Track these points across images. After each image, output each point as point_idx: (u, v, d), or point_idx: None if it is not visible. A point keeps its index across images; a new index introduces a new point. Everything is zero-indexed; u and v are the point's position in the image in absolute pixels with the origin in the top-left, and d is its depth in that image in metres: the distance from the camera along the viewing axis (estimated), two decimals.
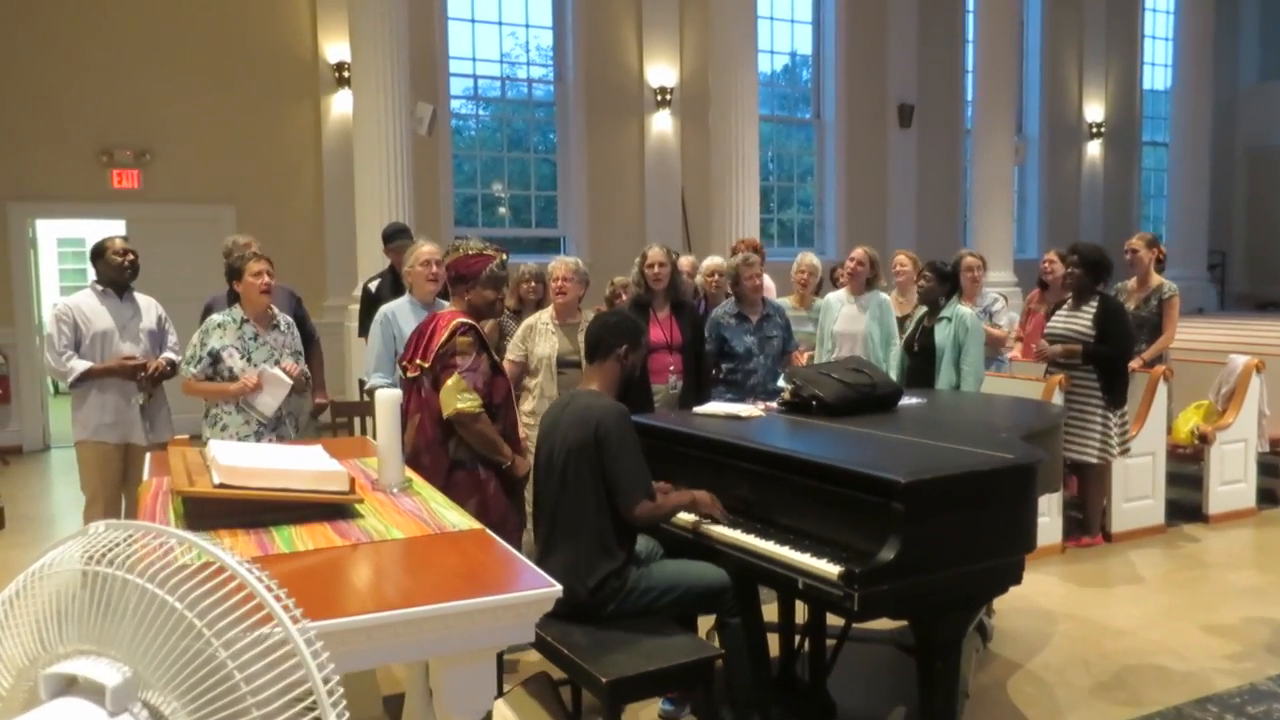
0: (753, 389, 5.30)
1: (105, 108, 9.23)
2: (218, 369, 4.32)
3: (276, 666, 1.05)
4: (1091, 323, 5.42)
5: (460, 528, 2.56)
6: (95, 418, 4.78)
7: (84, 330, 4.75)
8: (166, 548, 1.12)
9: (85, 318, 4.76)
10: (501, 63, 11.68)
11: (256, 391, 4.29)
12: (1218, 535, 6.04)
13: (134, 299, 4.95)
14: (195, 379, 4.33)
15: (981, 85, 11.83)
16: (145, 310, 4.97)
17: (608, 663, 2.82)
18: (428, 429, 3.60)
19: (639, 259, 5.12)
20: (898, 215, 13.45)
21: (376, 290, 5.58)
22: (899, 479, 2.72)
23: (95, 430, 4.79)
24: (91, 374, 4.72)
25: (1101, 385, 5.41)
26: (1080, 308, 5.53)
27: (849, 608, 2.71)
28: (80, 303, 4.82)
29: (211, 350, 4.31)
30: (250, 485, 2.54)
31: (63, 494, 7.68)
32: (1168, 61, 15.88)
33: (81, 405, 4.80)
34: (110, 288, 4.86)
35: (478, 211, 11.68)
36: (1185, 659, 4.16)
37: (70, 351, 4.72)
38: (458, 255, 3.73)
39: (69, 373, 4.70)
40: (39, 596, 1.06)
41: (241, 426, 4.35)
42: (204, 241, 9.44)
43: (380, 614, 1.92)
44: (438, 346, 3.58)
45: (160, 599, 1.01)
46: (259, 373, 4.33)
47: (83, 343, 4.75)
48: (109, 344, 4.79)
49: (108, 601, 1.03)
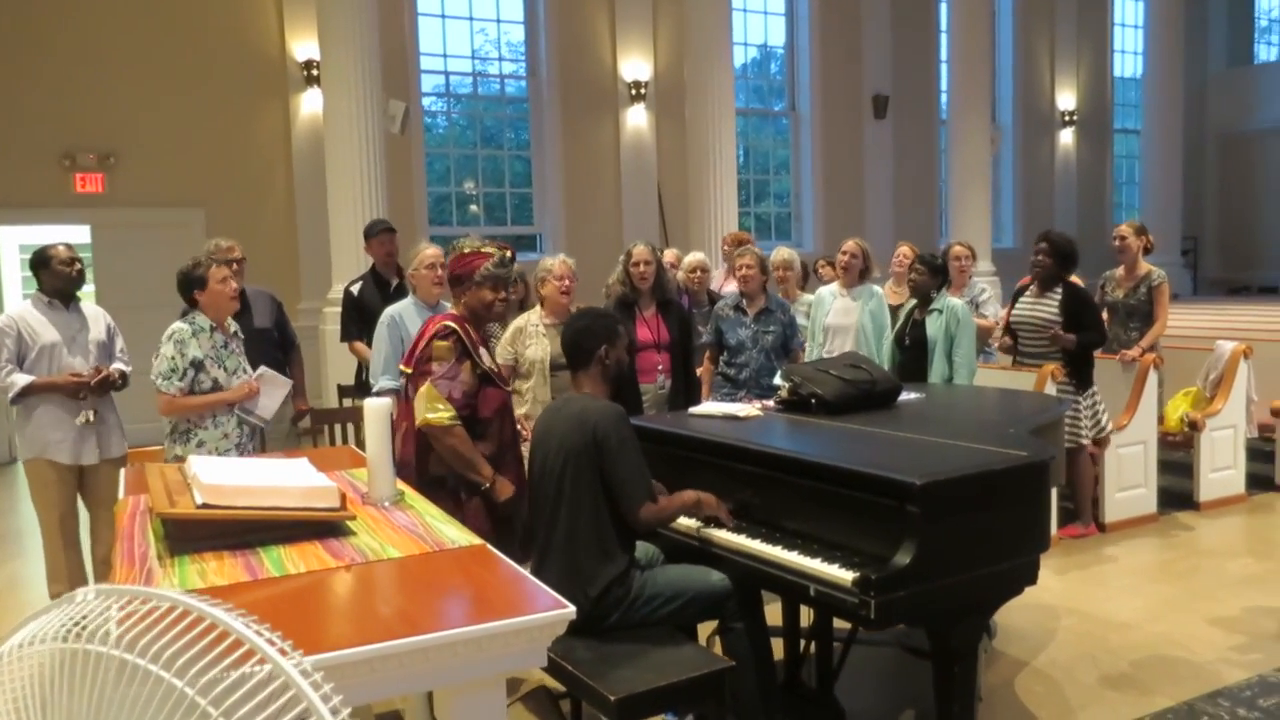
0: (745, 382, 5.20)
1: (67, 109, 8.97)
2: (197, 380, 4.13)
3: None
4: (1058, 309, 5.42)
5: (460, 544, 2.43)
6: (43, 435, 4.51)
7: (29, 343, 4.47)
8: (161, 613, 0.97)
9: (31, 330, 4.49)
10: (473, 59, 11.51)
11: (254, 397, 4.13)
12: (1210, 522, 6.01)
13: (80, 310, 4.67)
14: (178, 394, 4.08)
15: (956, 74, 11.80)
16: (93, 321, 4.68)
17: (615, 679, 2.70)
18: (410, 441, 3.44)
19: (624, 257, 5.00)
20: (875, 207, 13.40)
21: (359, 293, 5.42)
22: (914, 481, 2.62)
23: (44, 448, 4.52)
24: (34, 389, 4.44)
25: (1069, 370, 5.40)
26: (1044, 295, 5.52)
27: (865, 615, 2.61)
28: (25, 314, 4.54)
29: (194, 360, 4.11)
30: (235, 505, 2.39)
31: (27, 509, 7.42)
32: (1138, 49, 15.96)
33: (27, 423, 4.54)
34: (56, 298, 4.57)
35: (451, 210, 11.51)
36: (1192, 651, 4.10)
37: (11, 365, 4.45)
38: (454, 255, 3.55)
39: (9, 387, 4.42)
40: (17, 677, 0.92)
41: (220, 441, 4.15)
42: (172, 247, 9.19)
43: (384, 644, 1.79)
44: (420, 351, 3.44)
45: (167, 683, 0.87)
46: (257, 376, 4.17)
47: (28, 356, 4.47)
48: (56, 357, 4.51)
49: (100, 684, 0.89)
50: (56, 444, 4.54)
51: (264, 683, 0.89)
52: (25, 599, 5.25)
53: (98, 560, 4.87)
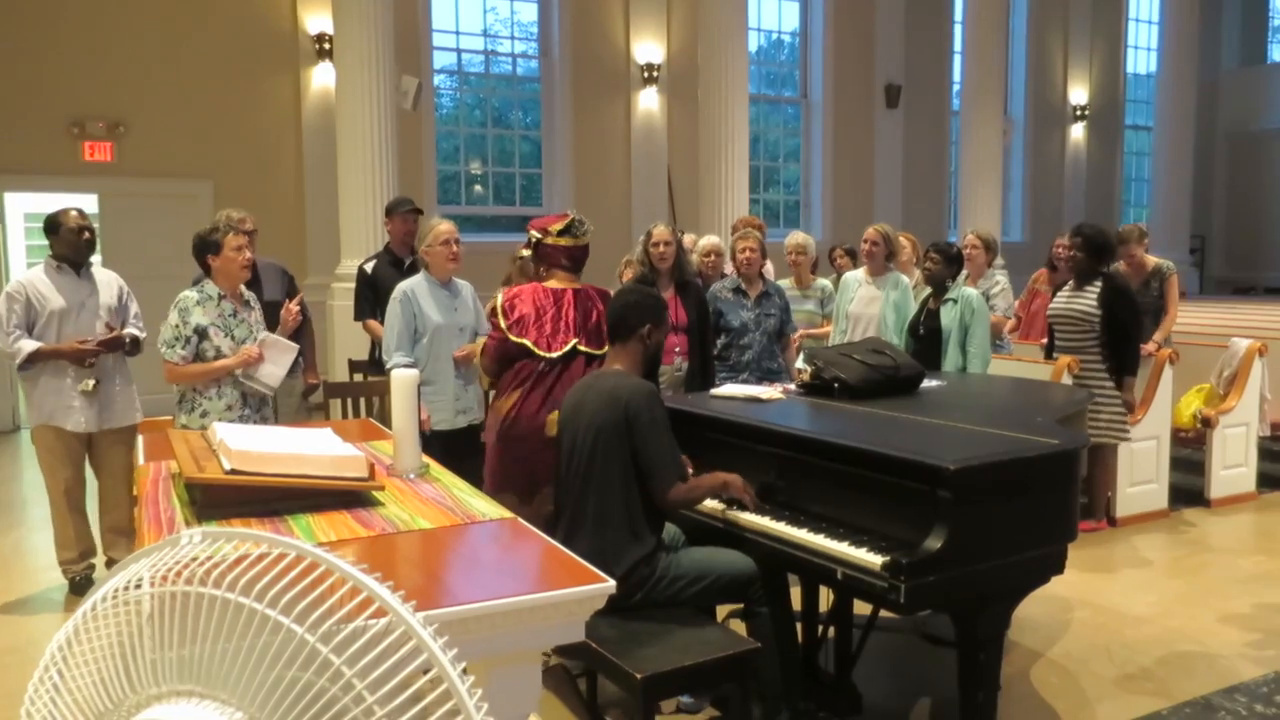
0: (747, 365, 5.17)
1: (77, 77, 8.89)
2: (201, 349, 4.09)
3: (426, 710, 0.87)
4: (1096, 302, 5.34)
5: (490, 516, 2.40)
6: (51, 401, 4.51)
7: (38, 309, 4.46)
8: (272, 559, 0.93)
9: (40, 296, 4.47)
10: (485, 37, 11.42)
11: (258, 363, 4.08)
12: (1220, 520, 5.99)
13: (92, 275, 4.65)
14: (181, 362, 4.06)
15: (970, 66, 11.73)
16: (104, 286, 4.65)
17: (640, 657, 2.67)
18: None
19: (643, 237, 4.95)
20: (884, 196, 13.35)
21: (373, 271, 5.36)
22: (947, 465, 2.59)
23: (51, 414, 4.51)
24: (41, 355, 4.43)
25: (1109, 366, 5.34)
26: (1083, 288, 5.44)
27: (894, 600, 2.58)
28: (34, 280, 4.52)
29: (197, 327, 4.07)
30: (265, 471, 2.36)
31: (35, 477, 7.36)
32: (1151, 45, 15.88)
33: (34, 389, 4.52)
34: (66, 264, 4.55)
35: (460, 189, 11.45)
36: (1207, 647, 4.08)
37: (19, 332, 4.42)
38: (579, 240, 3.91)
39: (17, 354, 4.41)
40: (121, 620, 0.88)
41: (224, 412, 4.10)
42: (180, 217, 9.17)
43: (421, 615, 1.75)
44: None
45: (286, 628, 0.84)
46: (260, 341, 4.11)
47: (37, 322, 4.46)
48: (65, 323, 4.50)
49: (212, 630, 0.85)
50: (64, 410, 4.53)
51: (383, 632, 0.86)
52: (30, 565, 5.22)
53: (105, 528, 4.85)
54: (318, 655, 0.85)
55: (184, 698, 0.83)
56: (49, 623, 4.48)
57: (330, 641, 0.85)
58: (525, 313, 3.82)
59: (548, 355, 3.78)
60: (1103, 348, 5.35)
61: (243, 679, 0.83)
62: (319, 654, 0.84)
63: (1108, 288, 5.35)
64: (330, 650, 0.85)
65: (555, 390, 3.75)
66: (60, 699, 0.90)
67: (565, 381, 3.72)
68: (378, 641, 0.87)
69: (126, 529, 4.83)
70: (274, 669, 0.84)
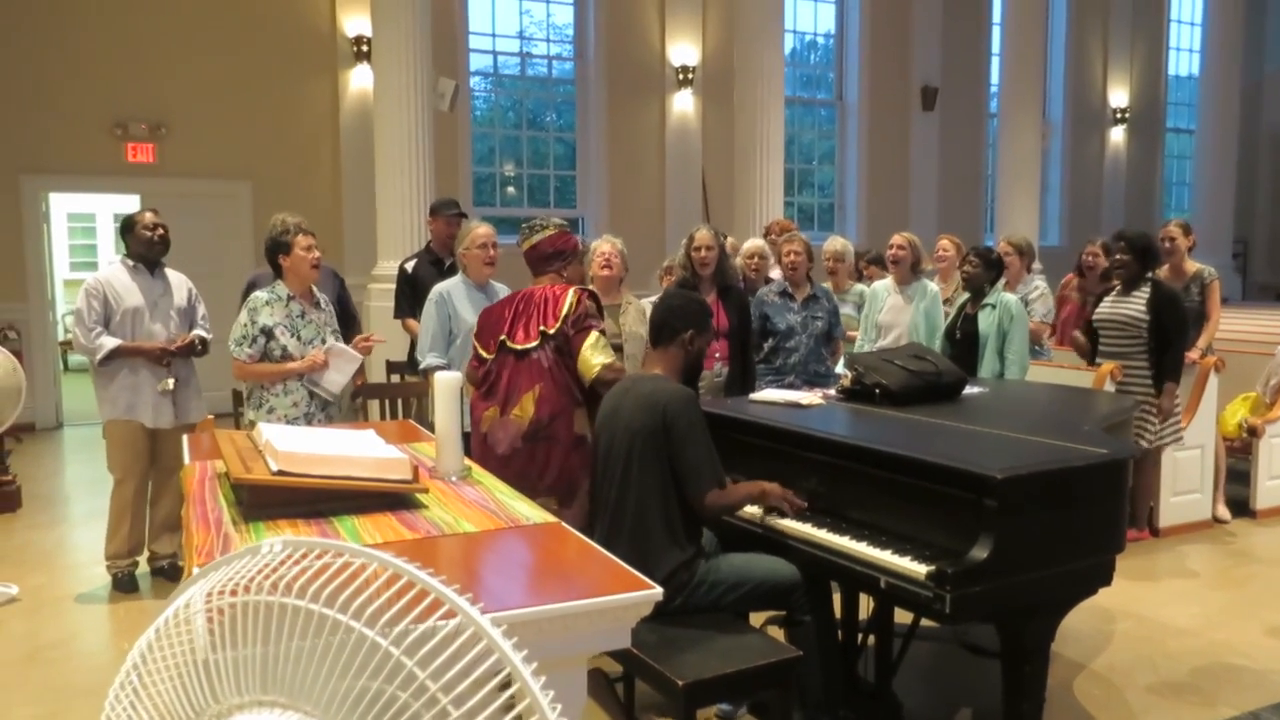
0: (793, 368, 5.16)
1: (120, 79, 9.03)
2: (268, 348, 4.18)
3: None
4: (1145, 308, 5.25)
5: (534, 520, 2.40)
6: (125, 397, 4.66)
7: (114, 306, 4.62)
8: (355, 569, 0.93)
9: (116, 294, 4.64)
10: (521, 38, 11.46)
11: (323, 369, 4.15)
12: (1267, 531, 5.88)
13: (165, 275, 4.83)
14: (249, 360, 4.16)
15: (1008, 68, 11.60)
16: (176, 287, 4.84)
17: (681, 663, 2.66)
18: (554, 399, 3.52)
19: (686, 241, 4.94)
20: (920, 200, 13.24)
21: (413, 270, 5.40)
22: (994, 474, 2.56)
23: (126, 409, 4.66)
24: (121, 351, 4.58)
25: (1154, 373, 5.25)
26: (1130, 294, 5.36)
27: (939, 609, 2.55)
28: (111, 278, 4.69)
29: (264, 327, 4.15)
30: (311, 473, 2.37)
31: (78, 473, 7.54)
32: (1193, 46, 15.64)
33: (110, 384, 4.67)
34: (141, 263, 4.73)
35: (495, 190, 11.49)
36: (1254, 660, 4.01)
37: (100, 328, 4.59)
38: (549, 232, 3.73)
39: (98, 349, 4.56)
40: (202, 628, 0.89)
41: (290, 409, 4.20)
42: (220, 217, 9.31)
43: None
44: (562, 311, 3.54)
45: (371, 642, 0.84)
46: (326, 349, 4.19)
47: (113, 319, 4.62)
48: (139, 321, 4.67)
49: (295, 640, 0.86)
50: (143, 406, 4.67)
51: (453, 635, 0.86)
52: (74, 560, 5.30)
53: (154, 522, 4.93)
54: (401, 668, 0.84)
55: (266, 708, 0.84)
56: (93, 617, 4.54)
57: (413, 655, 0.85)
58: (483, 322, 3.82)
59: (486, 356, 3.72)
60: (1150, 354, 5.26)
61: (326, 689, 0.83)
62: (403, 667, 0.84)
63: (1156, 293, 5.27)
64: (414, 662, 0.85)
65: (495, 388, 3.63)
66: (140, 704, 0.90)
67: (500, 379, 3.62)
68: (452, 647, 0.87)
69: (175, 524, 4.91)
70: (356, 679, 0.84)
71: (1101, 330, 5.47)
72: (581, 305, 3.56)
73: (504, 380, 3.59)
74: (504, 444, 3.56)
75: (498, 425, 3.60)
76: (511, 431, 3.55)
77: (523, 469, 3.49)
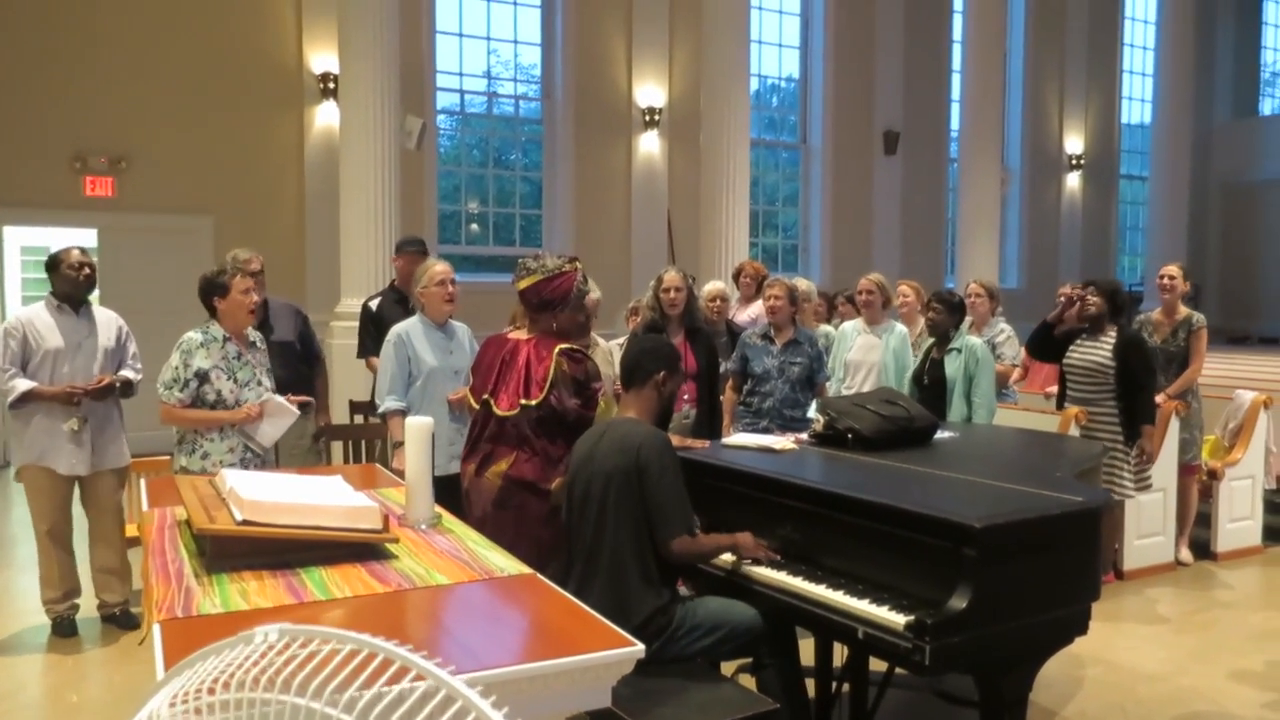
0: (768, 412, 5.13)
1: (79, 112, 8.89)
2: (201, 392, 4.05)
3: None
4: (1111, 354, 5.30)
5: (509, 572, 2.34)
6: (41, 442, 4.43)
7: (34, 347, 4.39)
8: (362, 659, 0.86)
9: (37, 334, 4.41)
10: (488, 78, 11.49)
11: (256, 422, 4.03)
12: (1228, 573, 5.93)
13: (91, 314, 4.59)
14: (179, 405, 4.02)
15: (968, 115, 11.83)
16: (104, 326, 4.60)
17: (658, 718, 2.60)
18: (528, 469, 3.40)
19: (654, 282, 4.93)
20: (882, 242, 13.40)
21: (378, 308, 5.32)
22: (973, 523, 2.54)
23: (39, 455, 4.44)
24: (34, 395, 4.36)
25: (1123, 420, 5.28)
26: (1098, 339, 5.42)
27: (919, 661, 2.52)
28: (33, 317, 4.47)
29: (199, 371, 4.03)
30: (277, 522, 2.30)
31: (22, 516, 7.27)
32: (1145, 97, 16.06)
33: (25, 428, 4.44)
34: (66, 302, 4.50)
35: (460, 228, 11.45)
36: (1221, 706, 4.01)
37: (15, 369, 4.36)
38: (537, 278, 3.46)
39: (10, 392, 4.34)
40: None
41: (225, 454, 4.06)
42: (180, 253, 9.15)
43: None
44: (547, 379, 3.38)
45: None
46: (263, 401, 4.06)
47: (31, 360, 4.39)
48: (61, 362, 4.44)
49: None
50: (53, 451, 4.46)
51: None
52: (19, 608, 5.11)
53: (95, 568, 4.76)
54: None
55: None
56: (33, 666, 4.37)
57: None
58: (476, 364, 3.73)
59: (474, 405, 3.64)
60: (1117, 400, 5.30)
61: None
62: None
63: (1121, 339, 5.32)
64: None
65: (477, 444, 3.55)
66: None
67: (482, 435, 3.54)
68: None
69: (118, 569, 4.75)
70: None
71: (1070, 376, 5.51)
72: (561, 372, 3.39)
73: (484, 438, 3.51)
74: (478, 506, 3.48)
75: (474, 485, 3.52)
76: (485, 494, 3.46)
77: (493, 537, 3.40)
